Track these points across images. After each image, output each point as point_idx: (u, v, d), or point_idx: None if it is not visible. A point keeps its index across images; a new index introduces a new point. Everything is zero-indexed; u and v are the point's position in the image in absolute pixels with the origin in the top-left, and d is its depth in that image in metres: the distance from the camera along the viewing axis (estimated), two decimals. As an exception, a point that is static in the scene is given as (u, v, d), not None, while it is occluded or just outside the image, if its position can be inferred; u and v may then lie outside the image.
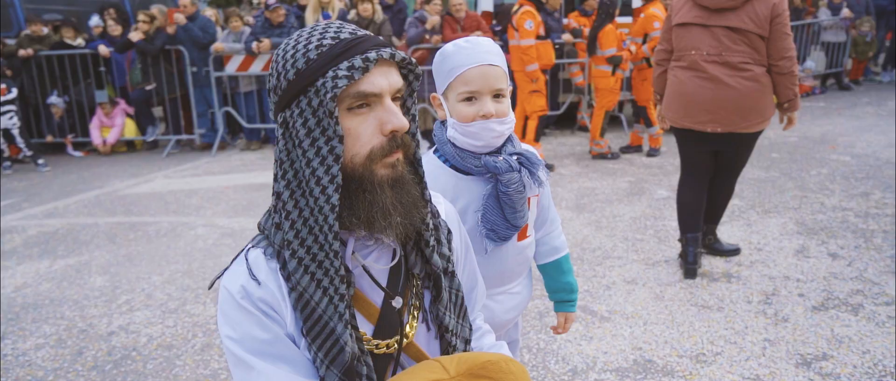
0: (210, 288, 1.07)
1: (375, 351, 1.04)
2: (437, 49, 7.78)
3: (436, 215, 1.10)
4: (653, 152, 6.39)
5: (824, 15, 9.27)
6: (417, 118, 1.11)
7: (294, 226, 0.95)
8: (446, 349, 1.14)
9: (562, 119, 8.01)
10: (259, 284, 0.96)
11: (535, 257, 1.70)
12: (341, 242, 1.00)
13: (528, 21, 5.96)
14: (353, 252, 1.01)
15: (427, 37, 6.94)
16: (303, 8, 7.40)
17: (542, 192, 1.59)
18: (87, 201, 5.65)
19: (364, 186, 0.95)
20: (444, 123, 1.49)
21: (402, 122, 0.94)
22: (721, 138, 3.14)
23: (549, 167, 5.97)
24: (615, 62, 6.08)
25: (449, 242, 1.13)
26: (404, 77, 1.00)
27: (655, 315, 3.03)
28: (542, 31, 6.20)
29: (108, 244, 4.46)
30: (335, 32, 0.94)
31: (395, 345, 1.06)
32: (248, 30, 7.42)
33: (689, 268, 3.40)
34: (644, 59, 6.21)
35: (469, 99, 1.41)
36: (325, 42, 0.93)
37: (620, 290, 3.31)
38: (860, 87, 9.72)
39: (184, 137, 7.73)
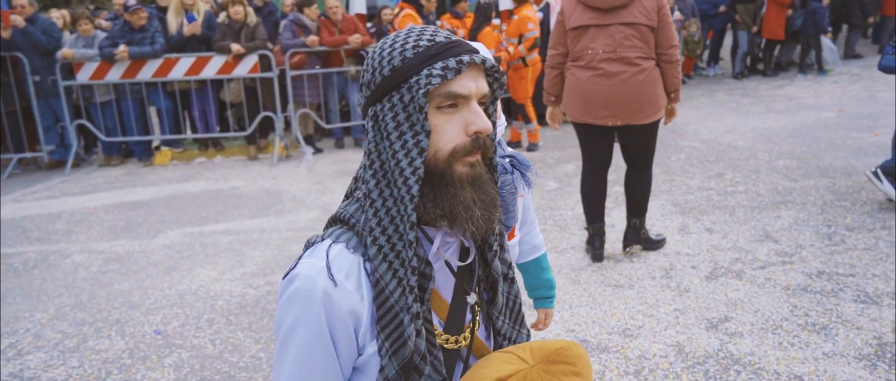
0: (285, 278, 1.02)
1: (445, 346, 1.07)
2: (316, 53, 7.62)
3: (500, 220, 1.14)
4: (532, 147, 6.78)
5: (660, 17, 10.36)
6: (498, 124, 1.16)
7: (377, 214, 0.99)
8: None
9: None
10: (335, 285, 0.96)
11: (516, 256, 1.77)
12: (428, 238, 1.04)
13: (410, 24, 6.06)
14: (438, 248, 1.04)
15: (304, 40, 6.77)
16: (163, 10, 6.88)
17: (527, 192, 1.66)
18: (-81, 236, 4.84)
19: (445, 181, 1.00)
20: None
21: (486, 124, 0.99)
22: (622, 131, 3.44)
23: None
24: (494, 63, 6.35)
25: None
26: (489, 84, 1.04)
27: (577, 298, 3.26)
28: (423, 34, 6.32)
29: (-36, 283, 3.87)
30: (431, 35, 0.99)
31: (463, 341, 1.10)
32: (100, 34, 6.75)
33: (596, 253, 3.69)
34: (520, 59, 6.56)
35: None
36: (421, 43, 0.98)
37: (540, 278, 3.51)
38: (692, 80, 10.99)
39: (28, 155, 6.86)
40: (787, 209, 4.36)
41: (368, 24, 7.75)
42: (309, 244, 1.05)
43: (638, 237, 3.76)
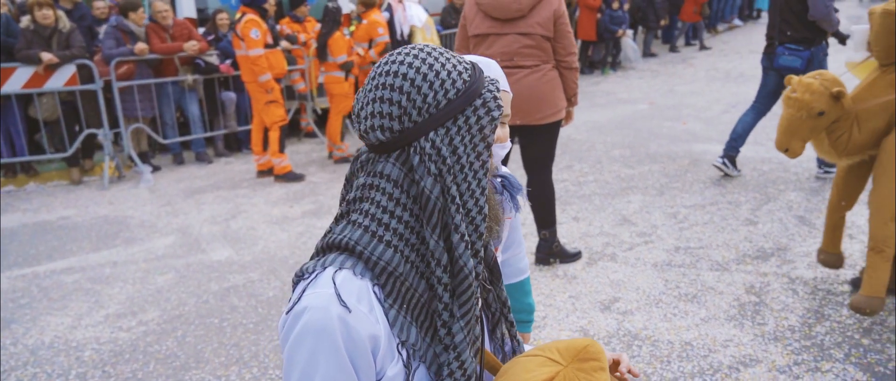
0: (288, 314, 0.94)
1: None
2: (146, 61, 6.90)
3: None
4: (388, 151, 6.80)
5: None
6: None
7: (460, 230, 0.98)
8: (509, 328, 1.23)
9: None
10: (350, 311, 0.93)
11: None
12: None
13: (254, 30, 5.76)
14: None
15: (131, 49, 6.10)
16: (-57, 14, 5.77)
17: (514, 214, 1.64)
18: None
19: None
20: None
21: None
22: (522, 133, 3.54)
23: (300, 176, 5.89)
24: (347, 68, 6.28)
25: None
26: None
27: (478, 297, 3.36)
28: (270, 39, 6.04)
29: None
30: (454, 55, 1.03)
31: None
32: None
33: (486, 251, 3.81)
34: (371, 64, 6.54)
35: None
36: (464, 64, 1.01)
37: (437, 282, 3.55)
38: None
39: None
40: (634, 194, 4.88)
41: (201, 29, 7.20)
42: (304, 274, 0.99)
43: (551, 250, 3.66)
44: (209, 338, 3.11)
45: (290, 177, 5.88)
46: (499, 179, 1.52)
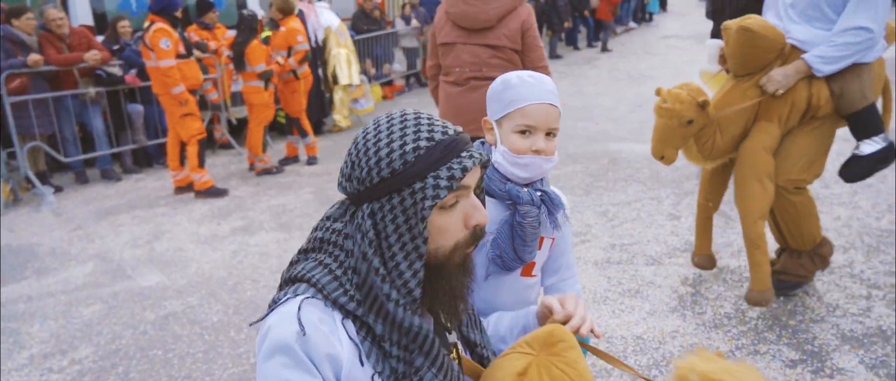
0: (259, 335, 1.01)
1: None
2: (41, 74, 6.38)
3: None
4: (311, 161, 6.65)
5: (400, 25, 10.96)
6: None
7: (392, 297, 0.99)
8: (481, 362, 1.22)
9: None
10: (305, 333, 0.97)
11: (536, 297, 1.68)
12: None
13: (164, 40, 5.47)
14: None
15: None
16: None
17: (559, 236, 1.60)
18: None
19: (442, 274, 1.04)
20: (483, 142, 1.56)
21: (485, 216, 1.05)
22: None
23: (223, 191, 5.65)
24: (267, 77, 6.08)
25: None
26: (482, 168, 1.08)
27: (432, 307, 3.38)
28: (182, 49, 5.74)
29: None
30: (429, 132, 0.98)
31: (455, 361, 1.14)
32: None
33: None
34: (291, 72, 6.37)
35: (524, 132, 1.46)
36: (421, 144, 0.96)
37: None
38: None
39: None
40: (563, 194, 5.06)
41: (100, 37, 6.70)
42: (278, 301, 1.03)
43: None
44: (155, 373, 2.92)
45: (213, 192, 5.62)
46: (539, 194, 1.50)
